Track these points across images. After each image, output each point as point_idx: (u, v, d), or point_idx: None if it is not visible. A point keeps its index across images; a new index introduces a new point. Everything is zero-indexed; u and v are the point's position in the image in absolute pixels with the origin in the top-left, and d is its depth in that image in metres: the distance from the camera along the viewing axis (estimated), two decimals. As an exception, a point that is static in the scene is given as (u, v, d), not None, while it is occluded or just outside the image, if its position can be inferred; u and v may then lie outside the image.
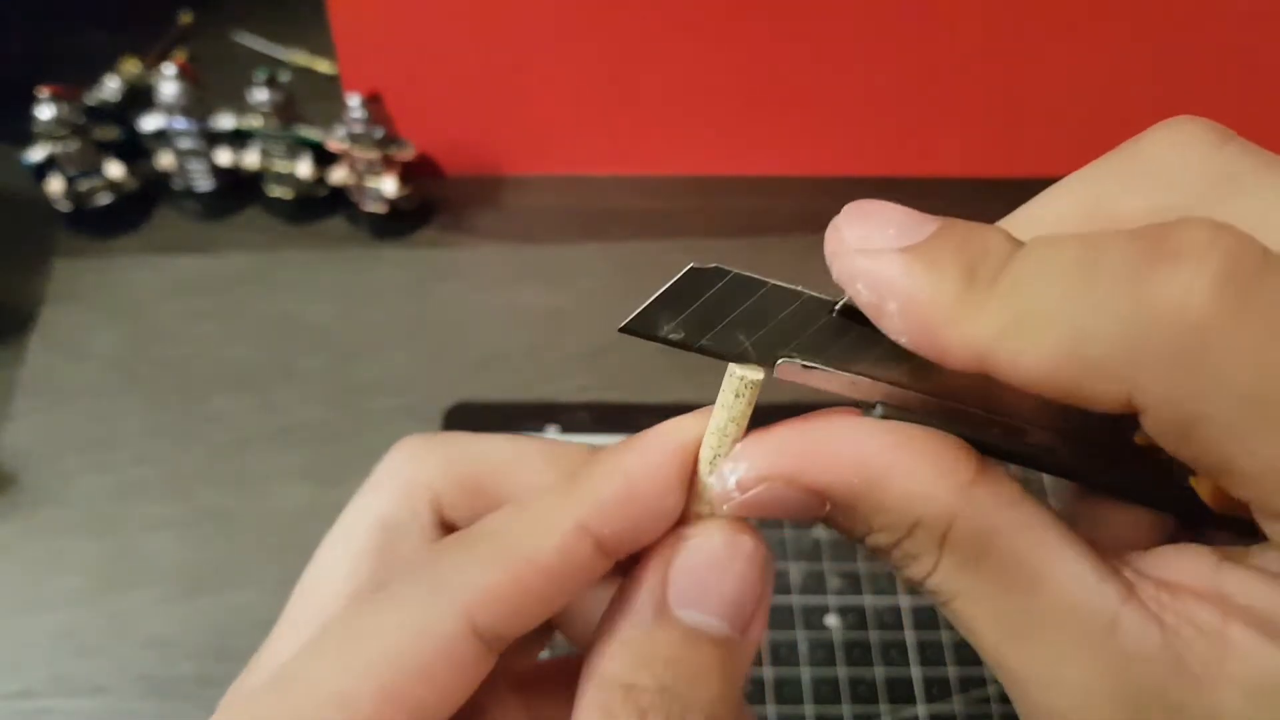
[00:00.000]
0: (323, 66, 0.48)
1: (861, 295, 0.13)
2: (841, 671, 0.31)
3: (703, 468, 0.14)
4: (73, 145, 0.40)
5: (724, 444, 0.14)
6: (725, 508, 0.14)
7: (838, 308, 0.13)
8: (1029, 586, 0.12)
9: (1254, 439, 0.10)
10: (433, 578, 0.13)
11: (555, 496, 0.14)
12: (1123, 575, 0.12)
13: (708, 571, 0.13)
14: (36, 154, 0.40)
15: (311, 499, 0.35)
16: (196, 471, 0.35)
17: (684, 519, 0.14)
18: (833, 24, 0.41)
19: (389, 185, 0.41)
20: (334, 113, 0.41)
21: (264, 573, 0.33)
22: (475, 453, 0.16)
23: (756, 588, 0.14)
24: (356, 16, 0.42)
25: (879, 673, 0.31)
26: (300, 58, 0.49)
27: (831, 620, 0.32)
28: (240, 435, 0.36)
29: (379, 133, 0.40)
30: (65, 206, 0.42)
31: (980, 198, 0.45)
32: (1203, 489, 0.13)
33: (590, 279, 0.42)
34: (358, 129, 0.40)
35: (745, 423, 0.14)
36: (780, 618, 0.32)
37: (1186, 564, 0.12)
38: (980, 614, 0.13)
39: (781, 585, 0.32)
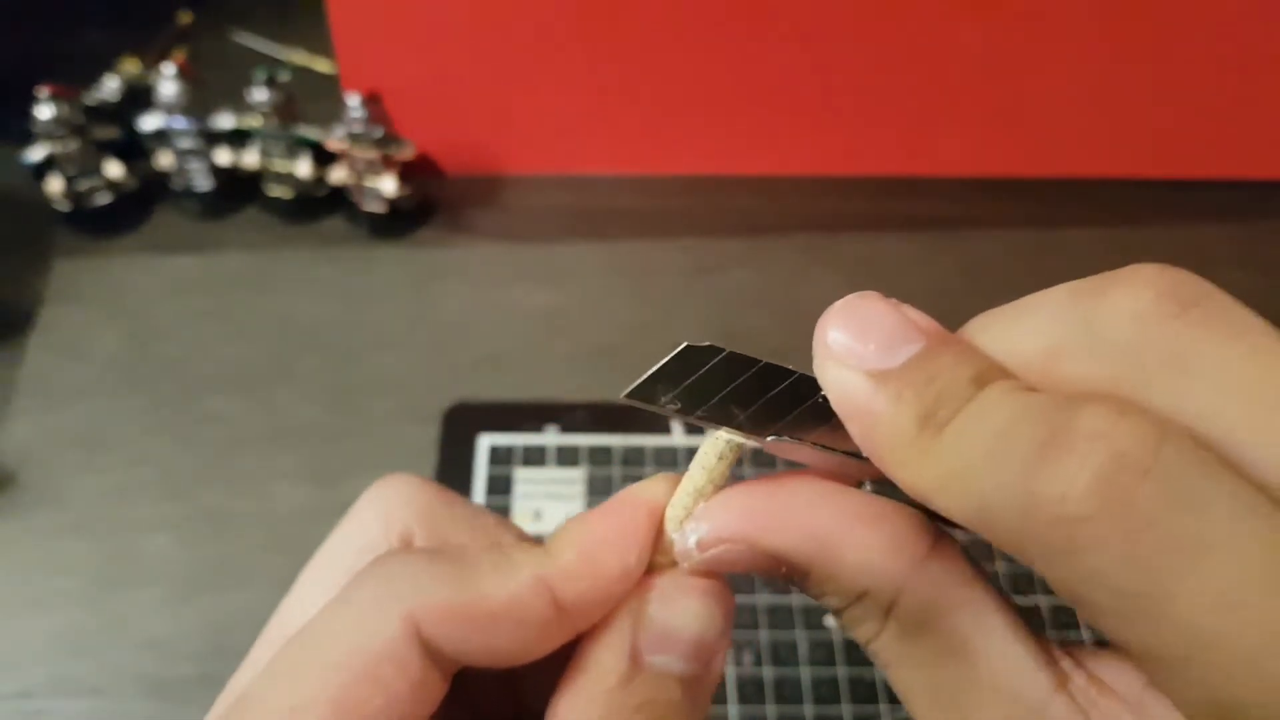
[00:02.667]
0: (322, 66, 0.48)
1: (832, 399, 0.13)
2: (841, 671, 0.31)
3: (670, 525, 0.15)
4: (72, 145, 0.40)
5: (699, 504, 0.15)
6: (686, 566, 0.14)
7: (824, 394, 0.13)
8: (965, 663, 0.13)
9: (1129, 630, 0.11)
10: (386, 581, 0.14)
11: (522, 551, 0.14)
12: (1059, 665, 0.13)
13: (675, 619, 0.14)
14: (36, 154, 0.40)
15: (310, 499, 0.35)
16: (195, 472, 0.35)
17: (650, 571, 0.15)
18: (832, 24, 0.41)
19: (388, 185, 0.41)
20: (333, 112, 0.41)
21: (262, 573, 0.33)
22: (453, 510, 0.17)
23: (719, 625, 0.14)
24: (356, 16, 0.41)
25: (879, 673, 0.31)
26: (299, 57, 0.49)
27: (831, 620, 0.32)
28: (239, 435, 0.36)
29: (378, 132, 0.40)
30: (65, 206, 0.42)
31: (980, 197, 0.45)
32: None
33: (589, 278, 0.42)
34: (357, 128, 0.40)
35: (723, 484, 0.14)
36: (780, 618, 0.32)
37: (1121, 671, 0.13)
38: (915, 683, 0.13)
39: (781, 585, 0.32)
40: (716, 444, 0.14)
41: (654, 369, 0.14)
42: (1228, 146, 0.45)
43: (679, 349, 0.14)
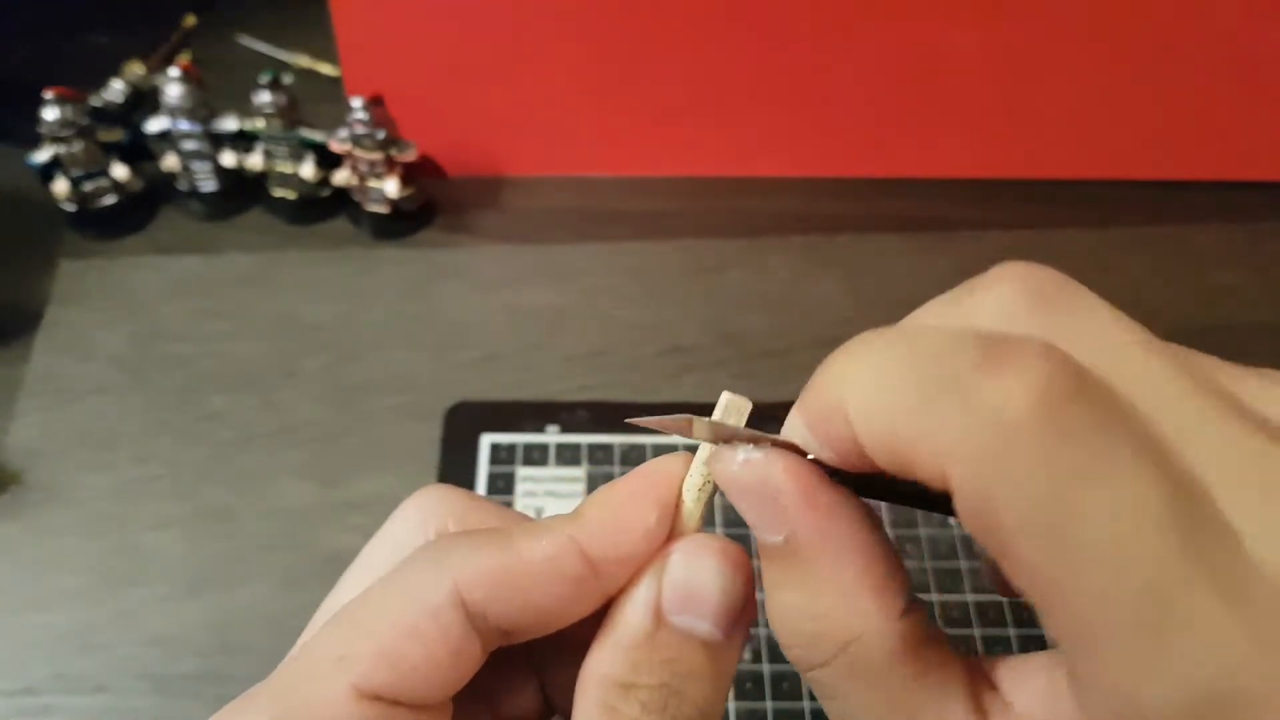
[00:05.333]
0: (326, 69, 0.49)
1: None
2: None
3: (688, 494, 0.15)
4: (78, 147, 0.40)
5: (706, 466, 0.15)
6: (730, 480, 0.14)
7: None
8: (904, 713, 0.13)
9: (1034, 544, 0.11)
10: (434, 555, 0.15)
11: (553, 519, 0.15)
12: (987, 709, 0.13)
13: (698, 580, 0.15)
14: (42, 155, 0.41)
15: (313, 497, 0.35)
16: (199, 470, 0.35)
17: (671, 538, 0.15)
18: (832, 25, 0.42)
19: (391, 186, 0.41)
20: (337, 115, 0.41)
21: (266, 570, 0.33)
22: (485, 511, 0.17)
23: (742, 593, 0.15)
24: (359, 20, 0.42)
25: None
26: (304, 61, 0.49)
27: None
28: (243, 434, 0.36)
29: (381, 134, 0.40)
30: (70, 207, 0.42)
31: (976, 198, 0.46)
32: None
33: (590, 279, 0.42)
34: (360, 131, 0.40)
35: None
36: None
37: (1029, 686, 0.13)
38: (851, 714, 0.14)
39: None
40: (728, 410, 0.15)
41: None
42: (1221, 148, 0.45)
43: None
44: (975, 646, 0.32)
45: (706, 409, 0.15)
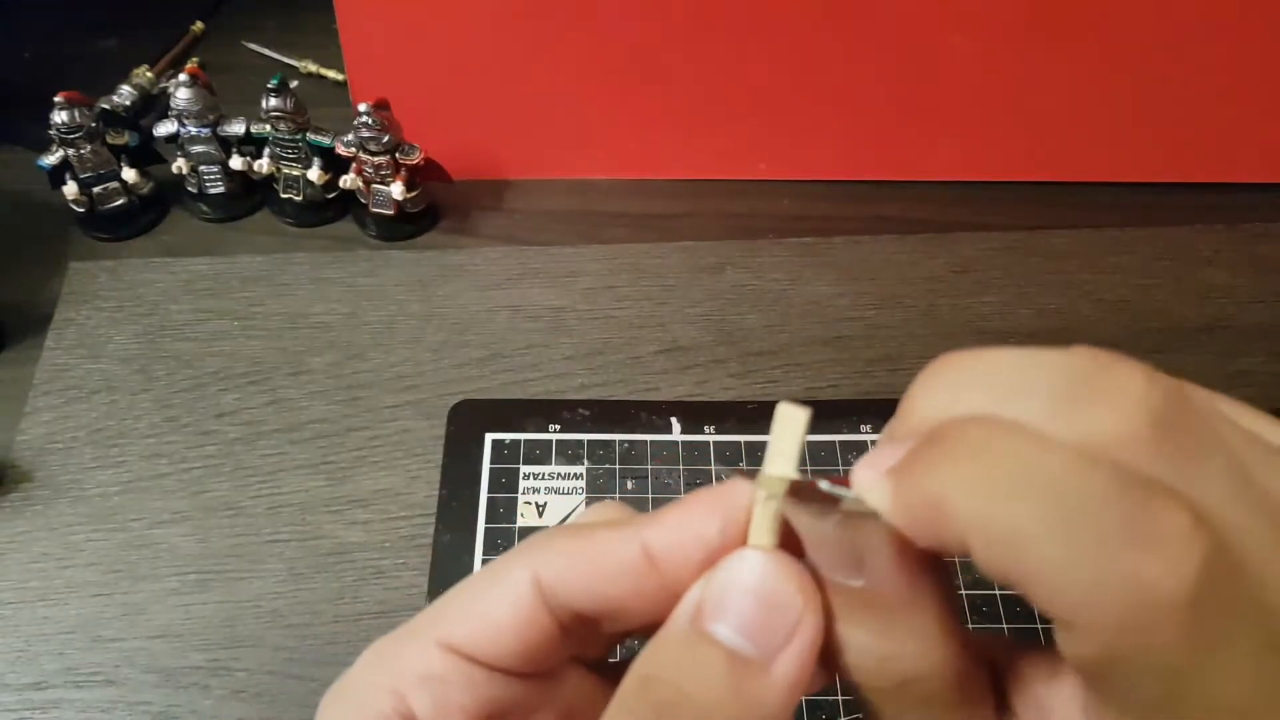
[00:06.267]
0: (332, 74, 0.49)
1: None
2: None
3: (757, 503, 0.15)
4: (87, 150, 0.41)
5: (777, 478, 0.15)
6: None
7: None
8: None
9: (1152, 706, 0.12)
10: (520, 545, 0.16)
11: (633, 516, 0.17)
12: None
13: (737, 591, 0.14)
14: (52, 158, 0.41)
15: (320, 492, 0.35)
16: (207, 466, 0.36)
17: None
18: (829, 30, 0.42)
19: (396, 189, 0.42)
20: (343, 119, 0.42)
21: (274, 565, 0.34)
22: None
23: (788, 616, 0.14)
24: (364, 27, 0.43)
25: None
26: (310, 65, 0.50)
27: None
28: (250, 431, 0.37)
29: (387, 139, 0.41)
30: (80, 209, 0.43)
31: (970, 201, 0.46)
32: None
33: (591, 279, 0.42)
34: (366, 135, 0.41)
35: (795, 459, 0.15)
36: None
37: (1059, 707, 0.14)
38: None
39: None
40: (788, 418, 0.15)
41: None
42: (1218, 149, 0.46)
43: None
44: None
45: (704, 406, 0.16)
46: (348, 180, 0.43)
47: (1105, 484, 0.12)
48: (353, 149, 0.42)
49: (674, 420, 0.37)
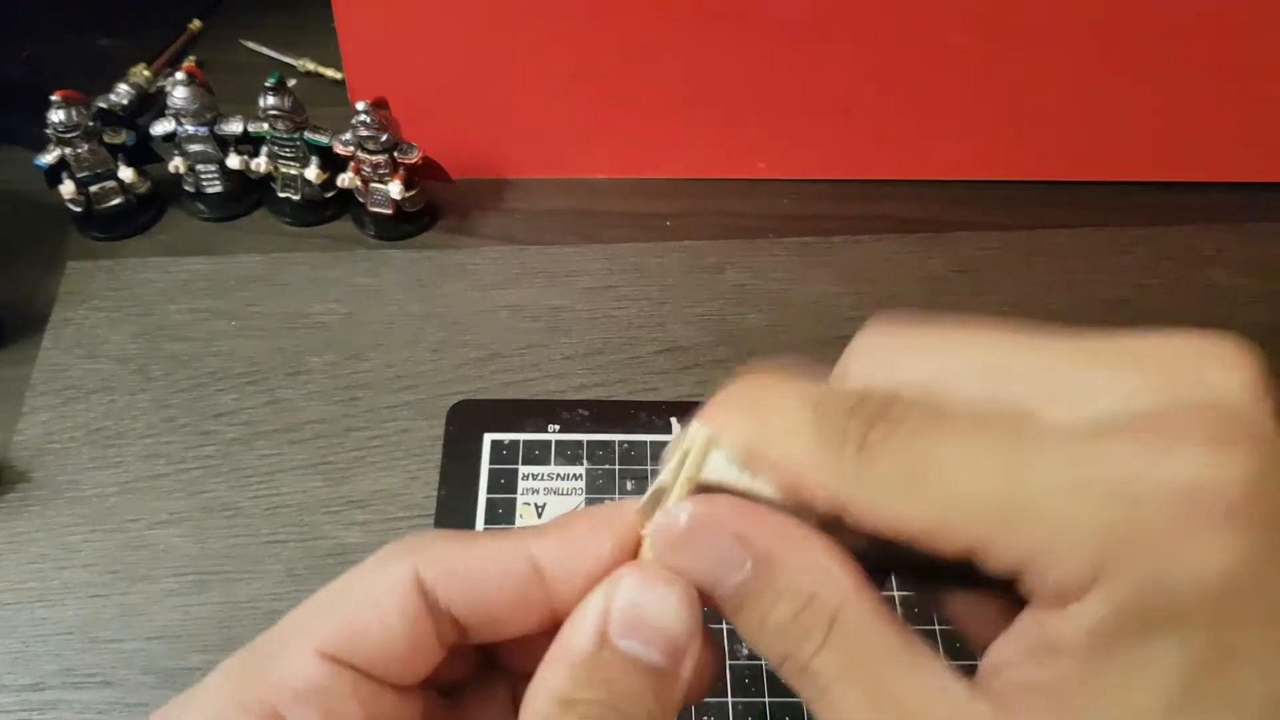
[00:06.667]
0: (330, 73, 0.49)
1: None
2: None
3: (645, 521, 0.16)
4: (84, 148, 0.41)
5: (677, 494, 0.16)
6: (665, 537, 0.15)
7: None
8: (891, 682, 0.14)
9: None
10: (401, 545, 0.16)
11: (518, 528, 0.16)
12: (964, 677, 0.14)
13: (647, 606, 0.15)
14: (49, 157, 0.41)
15: (318, 493, 0.35)
16: (206, 467, 0.36)
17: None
18: (829, 28, 0.42)
19: (395, 188, 0.42)
20: (341, 118, 0.42)
21: (272, 565, 0.34)
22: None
23: (688, 626, 0.15)
24: (362, 25, 0.42)
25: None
26: (308, 64, 0.50)
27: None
28: (248, 431, 0.37)
29: (385, 138, 0.41)
30: (77, 208, 0.42)
31: (970, 200, 0.46)
32: None
33: (590, 279, 0.42)
34: (364, 134, 0.41)
35: (695, 476, 0.16)
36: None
37: (1008, 645, 0.14)
38: (849, 698, 0.14)
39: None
40: (682, 443, 0.15)
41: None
42: (1220, 148, 0.46)
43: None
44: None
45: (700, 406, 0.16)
46: (345, 179, 0.43)
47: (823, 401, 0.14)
48: (351, 148, 0.41)
49: (674, 420, 0.37)
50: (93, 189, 0.42)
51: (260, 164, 0.43)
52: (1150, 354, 0.14)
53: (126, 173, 0.42)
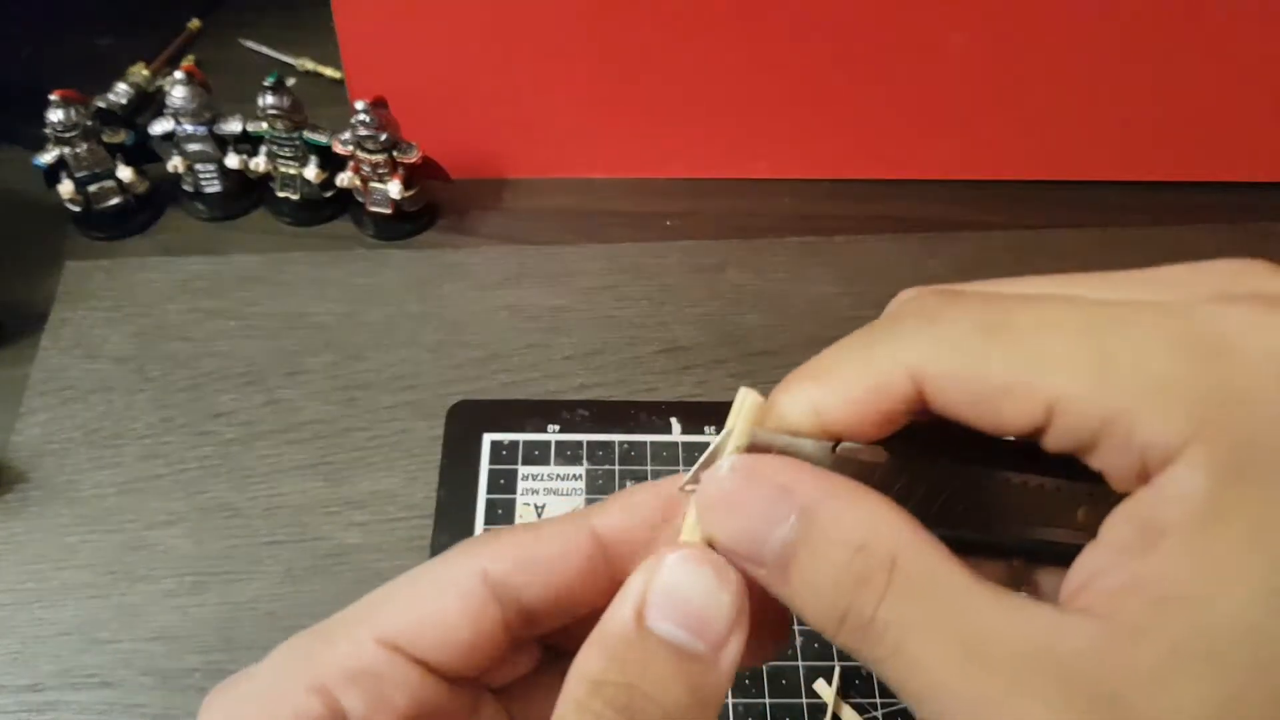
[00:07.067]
0: (329, 72, 0.49)
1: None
2: (836, 667, 0.31)
3: (687, 498, 0.15)
4: (83, 148, 0.41)
5: (727, 453, 0.15)
6: (708, 495, 0.15)
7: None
8: (972, 617, 0.13)
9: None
10: (466, 542, 0.16)
11: (581, 509, 0.17)
12: (1045, 600, 0.13)
13: (682, 590, 0.14)
14: (47, 157, 0.41)
15: (317, 493, 0.35)
16: (204, 467, 0.36)
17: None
18: (829, 27, 0.42)
19: (394, 188, 0.42)
20: (341, 117, 0.42)
21: (271, 567, 0.33)
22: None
23: (728, 612, 0.14)
24: (361, 24, 0.42)
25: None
26: (307, 63, 0.50)
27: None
28: (247, 432, 0.37)
29: (384, 137, 0.41)
30: (76, 208, 0.42)
31: (971, 200, 0.46)
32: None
33: (590, 279, 0.42)
34: (364, 133, 0.41)
35: (744, 441, 0.15)
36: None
37: (1095, 556, 0.13)
38: (929, 644, 0.13)
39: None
40: (744, 401, 0.15)
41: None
42: (1221, 148, 0.46)
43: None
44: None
45: (704, 406, 0.16)
46: (345, 179, 0.43)
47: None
48: (350, 147, 0.41)
49: (674, 420, 0.37)
50: (91, 188, 0.42)
51: (259, 163, 0.43)
52: (1206, 268, 0.14)
53: (125, 172, 0.42)
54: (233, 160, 0.43)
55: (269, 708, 0.14)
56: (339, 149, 0.42)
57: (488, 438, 0.36)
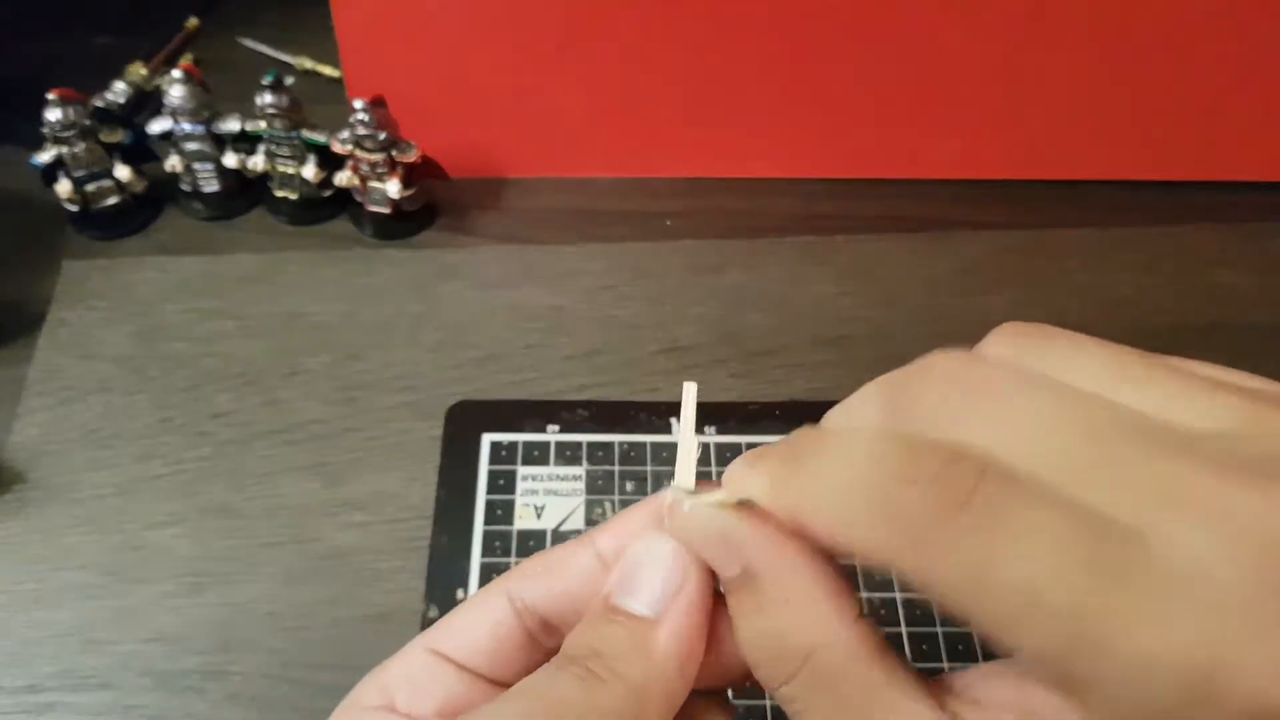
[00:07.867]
0: (328, 71, 0.49)
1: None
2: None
3: (665, 502, 0.17)
4: (80, 147, 0.41)
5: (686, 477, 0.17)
6: (684, 510, 0.17)
7: None
8: (871, 713, 0.14)
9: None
10: (503, 575, 0.19)
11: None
12: (950, 709, 0.14)
13: (635, 560, 0.17)
14: (45, 156, 0.41)
15: (316, 494, 0.35)
16: (202, 468, 0.36)
17: None
18: (829, 27, 0.42)
19: (393, 187, 0.42)
20: (339, 116, 0.42)
21: (269, 568, 0.33)
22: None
23: (673, 580, 0.16)
24: (360, 23, 0.42)
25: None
26: (306, 62, 0.49)
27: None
28: (245, 432, 0.37)
29: (383, 136, 0.41)
30: (73, 208, 0.42)
31: (972, 199, 0.46)
32: None
33: (589, 279, 0.42)
34: (362, 132, 0.40)
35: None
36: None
37: (995, 684, 0.14)
38: None
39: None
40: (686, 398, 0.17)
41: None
42: (1220, 148, 0.45)
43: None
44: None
45: (704, 406, 0.16)
46: (343, 178, 0.42)
47: (889, 461, 0.14)
48: (348, 146, 0.41)
49: (674, 421, 0.36)
50: (89, 188, 0.42)
51: (257, 163, 0.43)
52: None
53: (123, 171, 0.42)
54: (231, 159, 0.43)
55: (354, 707, 0.18)
56: (337, 148, 0.42)
57: (487, 438, 0.36)
